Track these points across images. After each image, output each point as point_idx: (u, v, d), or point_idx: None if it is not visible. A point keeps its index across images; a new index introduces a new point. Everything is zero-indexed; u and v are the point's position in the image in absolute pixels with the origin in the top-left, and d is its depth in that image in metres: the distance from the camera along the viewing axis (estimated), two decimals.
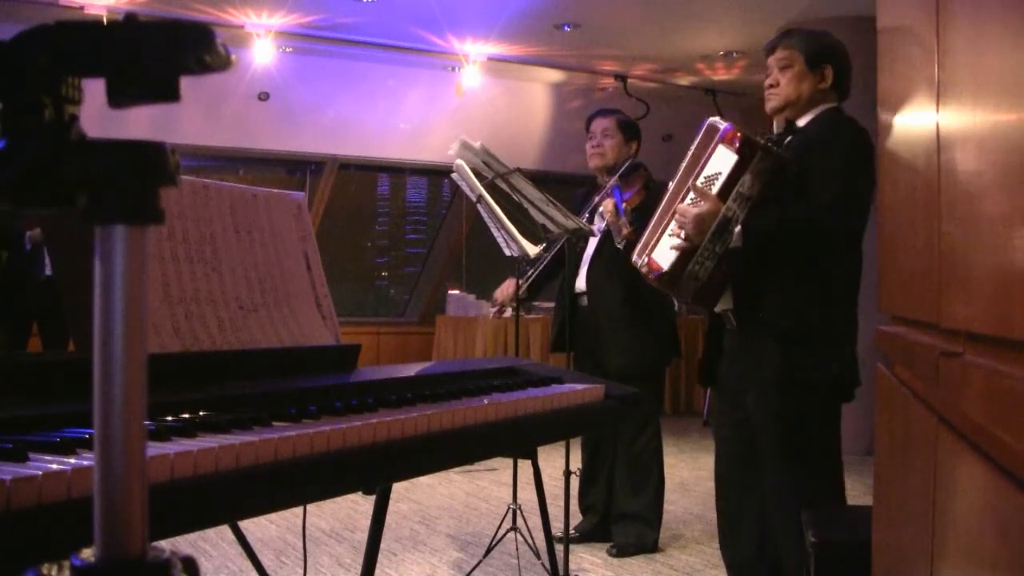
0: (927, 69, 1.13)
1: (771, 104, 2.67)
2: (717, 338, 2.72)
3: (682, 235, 2.47)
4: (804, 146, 2.53)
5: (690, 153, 2.61)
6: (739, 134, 2.44)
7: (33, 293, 6.01)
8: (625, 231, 3.60)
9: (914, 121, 1.30)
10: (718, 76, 8.04)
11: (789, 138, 2.61)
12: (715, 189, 2.44)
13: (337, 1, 6.19)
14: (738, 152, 2.42)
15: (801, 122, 2.62)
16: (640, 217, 3.69)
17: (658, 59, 7.59)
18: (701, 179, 2.49)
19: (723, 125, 2.50)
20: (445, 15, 6.42)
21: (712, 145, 2.49)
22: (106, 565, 0.59)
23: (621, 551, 3.78)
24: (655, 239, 2.60)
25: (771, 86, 2.66)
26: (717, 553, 3.88)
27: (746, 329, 2.56)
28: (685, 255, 2.47)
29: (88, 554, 0.60)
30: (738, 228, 2.42)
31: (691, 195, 2.50)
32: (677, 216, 2.49)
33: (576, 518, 4.00)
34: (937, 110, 1.08)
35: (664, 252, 2.54)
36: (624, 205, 3.71)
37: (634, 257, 2.68)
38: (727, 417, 2.73)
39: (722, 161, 2.45)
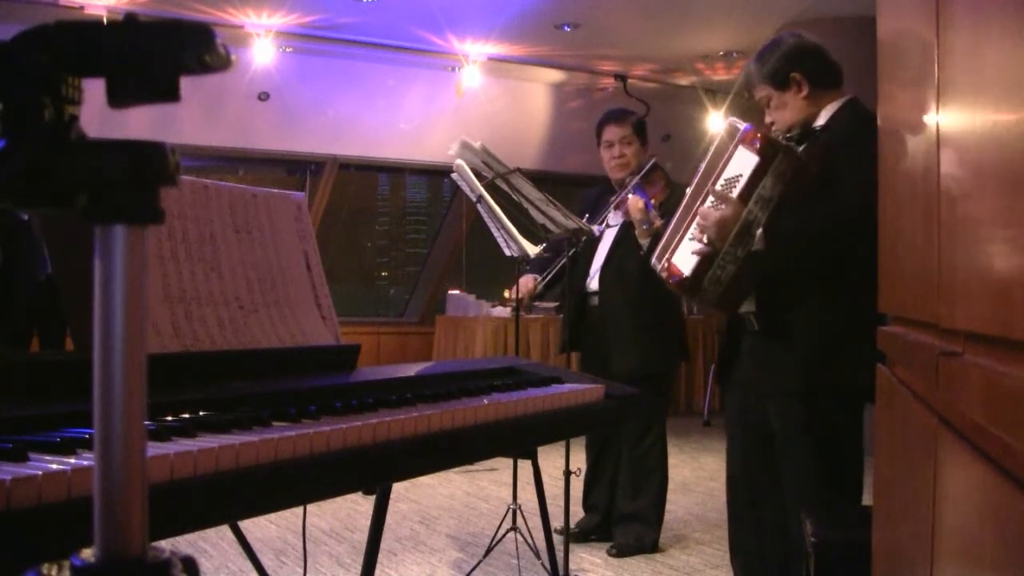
0: (927, 69, 1.13)
1: (780, 134, 2.59)
2: (735, 338, 2.65)
3: (704, 240, 2.39)
4: (829, 145, 2.45)
5: (710, 154, 2.53)
6: (760, 135, 2.36)
7: (32, 293, 5.99)
8: (657, 223, 3.58)
9: (914, 121, 1.30)
10: (718, 76, 8.03)
11: (813, 138, 2.53)
12: (736, 192, 2.36)
13: (337, 1, 6.19)
14: (759, 153, 2.33)
15: (819, 122, 2.54)
16: (666, 213, 3.69)
17: (658, 59, 7.59)
18: (722, 181, 2.42)
19: (743, 125, 2.42)
20: (445, 15, 6.42)
21: (732, 146, 2.42)
22: (106, 565, 0.59)
23: (621, 551, 3.78)
24: (675, 243, 2.53)
25: (771, 123, 2.61)
26: (717, 553, 3.89)
27: (768, 333, 2.51)
28: (706, 260, 2.40)
29: (88, 554, 0.60)
30: (760, 231, 2.36)
31: (711, 198, 2.43)
32: (698, 220, 2.41)
33: (577, 517, 4.00)
34: (937, 110, 1.08)
35: (685, 257, 2.47)
36: (652, 202, 3.70)
37: (653, 261, 2.62)
38: (739, 418, 2.69)
39: (743, 162, 2.37)
